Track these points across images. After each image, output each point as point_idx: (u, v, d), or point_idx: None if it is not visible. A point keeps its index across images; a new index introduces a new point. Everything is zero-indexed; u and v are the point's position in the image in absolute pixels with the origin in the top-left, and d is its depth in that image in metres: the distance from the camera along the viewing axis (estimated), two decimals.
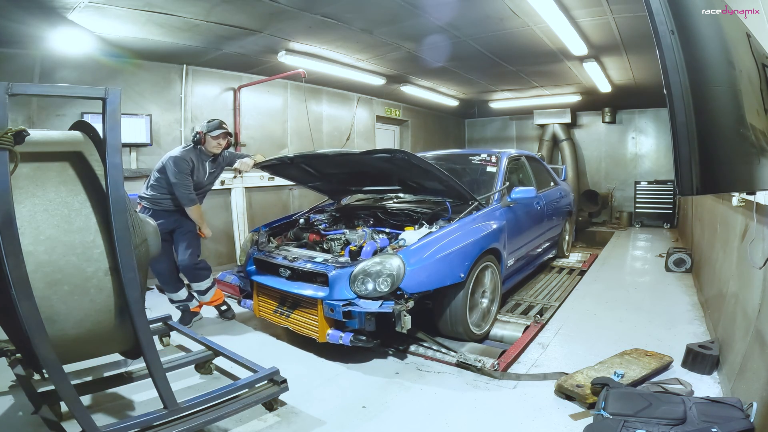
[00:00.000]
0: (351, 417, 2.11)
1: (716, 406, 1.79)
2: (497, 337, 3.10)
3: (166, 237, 3.15)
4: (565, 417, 2.05)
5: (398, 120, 8.55)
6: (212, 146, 3.21)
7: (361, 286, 2.54)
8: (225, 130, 3.22)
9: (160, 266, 3.19)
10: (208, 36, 4.07)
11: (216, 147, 3.22)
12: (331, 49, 4.75)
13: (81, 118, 2.54)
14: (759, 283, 2.02)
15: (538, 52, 4.91)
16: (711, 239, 3.64)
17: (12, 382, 2.31)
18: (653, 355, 2.53)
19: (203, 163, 3.26)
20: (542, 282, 4.42)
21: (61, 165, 1.62)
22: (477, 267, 2.92)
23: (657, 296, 3.90)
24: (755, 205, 2.05)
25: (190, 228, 3.28)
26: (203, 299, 3.42)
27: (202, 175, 3.25)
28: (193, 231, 3.31)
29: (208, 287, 3.37)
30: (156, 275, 3.28)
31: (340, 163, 3.40)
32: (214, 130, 3.17)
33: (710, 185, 1.32)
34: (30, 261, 1.43)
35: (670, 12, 1.17)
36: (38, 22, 3.31)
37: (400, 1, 3.47)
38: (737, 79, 1.37)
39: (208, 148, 3.21)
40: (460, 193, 3.17)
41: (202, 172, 3.25)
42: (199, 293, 3.37)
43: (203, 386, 2.39)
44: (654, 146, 8.72)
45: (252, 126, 5.69)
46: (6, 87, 1.36)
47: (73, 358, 1.80)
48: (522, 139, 10.04)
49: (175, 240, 3.27)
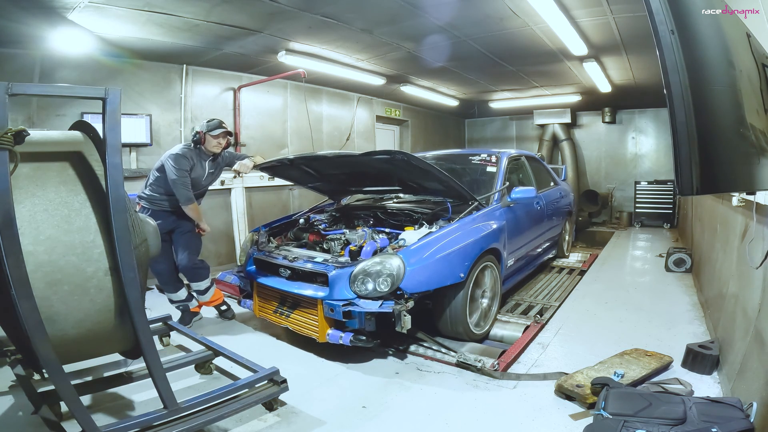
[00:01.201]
0: (351, 417, 2.11)
1: (716, 406, 1.79)
2: (497, 337, 3.10)
3: (165, 237, 3.13)
4: (565, 417, 2.05)
5: (398, 120, 8.55)
6: (212, 146, 3.21)
7: (361, 286, 2.54)
8: (225, 130, 3.22)
9: (159, 266, 3.19)
10: (208, 36, 4.07)
11: (216, 146, 3.22)
12: (331, 49, 4.75)
13: (81, 118, 2.54)
14: (759, 283, 2.02)
15: (538, 52, 4.91)
16: (711, 239, 3.64)
17: (12, 382, 2.31)
18: (653, 355, 2.53)
19: (202, 162, 3.25)
20: (542, 282, 4.42)
21: (61, 165, 1.62)
22: (477, 267, 2.92)
23: (657, 296, 3.90)
24: (755, 205, 2.05)
25: (189, 228, 3.28)
26: (202, 299, 3.41)
27: (200, 175, 3.25)
28: (192, 231, 3.30)
29: (207, 287, 3.37)
30: (156, 275, 3.28)
31: (340, 164, 3.40)
32: (214, 129, 3.17)
33: (710, 185, 1.32)
34: (30, 261, 1.43)
35: (670, 12, 1.17)
36: (38, 22, 3.31)
37: (400, 1, 3.47)
38: (737, 79, 1.37)
39: (208, 148, 3.21)
40: (460, 193, 3.17)
41: (201, 171, 3.25)
42: (198, 293, 3.37)
43: (203, 386, 2.39)
44: (654, 146, 8.72)
45: (252, 126, 5.69)
46: (6, 87, 1.36)
47: (73, 358, 1.80)
48: (522, 139, 10.04)
49: (175, 240, 3.27)
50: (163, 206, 3.18)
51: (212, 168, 3.34)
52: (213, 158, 3.32)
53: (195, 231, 3.32)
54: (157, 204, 3.18)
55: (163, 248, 3.13)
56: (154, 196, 3.18)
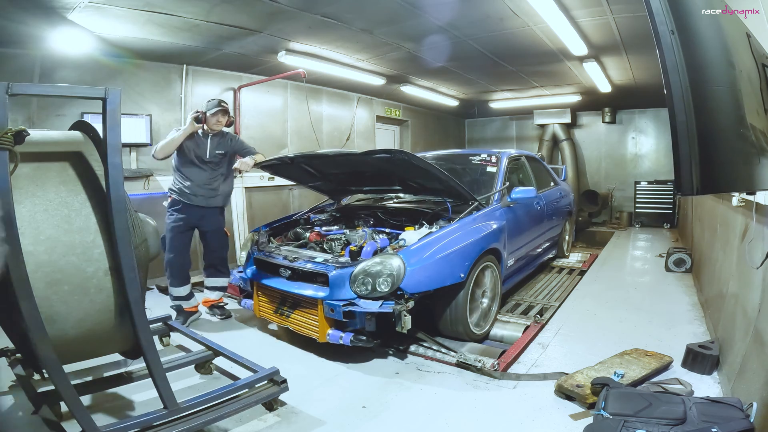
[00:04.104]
0: (351, 417, 2.11)
1: (716, 406, 1.79)
2: (497, 337, 3.10)
3: (187, 231, 3.35)
4: (565, 417, 2.05)
5: (398, 120, 8.55)
6: (212, 123, 3.31)
7: (361, 286, 2.54)
8: (220, 108, 3.30)
9: (174, 259, 3.30)
10: (208, 36, 4.07)
11: (216, 124, 3.32)
12: (331, 49, 4.75)
13: (81, 118, 2.53)
14: (759, 283, 2.02)
15: (538, 52, 4.91)
16: (711, 239, 3.64)
17: (12, 382, 2.30)
18: (653, 355, 2.53)
19: (204, 139, 3.34)
20: (542, 282, 4.42)
21: (61, 165, 1.62)
22: (477, 267, 2.92)
23: (657, 296, 3.90)
24: (755, 205, 2.05)
25: (215, 226, 3.44)
26: (209, 296, 3.53)
27: (203, 151, 3.33)
28: (221, 229, 3.49)
29: (222, 287, 3.56)
30: (168, 266, 3.33)
31: (341, 163, 3.40)
32: (212, 108, 3.29)
33: (710, 185, 1.32)
34: (30, 261, 1.43)
35: (670, 12, 1.17)
36: (38, 22, 3.31)
37: (400, 1, 3.47)
38: (737, 79, 1.37)
39: (210, 126, 3.32)
40: (460, 193, 3.17)
41: (203, 147, 3.33)
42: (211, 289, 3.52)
43: (203, 386, 2.39)
44: (654, 146, 8.72)
45: (252, 126, 5.69)
46: (6, 87, 1.36)
47: (73, 358, 1.80)
48: (522, 139, 10.04)
49: (204, 236, 3.44)
50: (190, 199, 3.29)
51: (219, 147, 3.38)
52: (220, 137, 3.40)
53: (223, 229, 3.52)
54: (184, 196, 3.29)
55: (182, 241, 3.31)
56: (178, 186, 3.31)
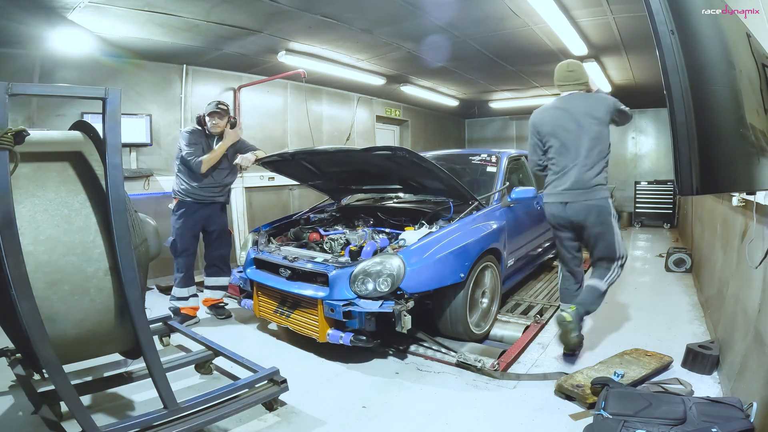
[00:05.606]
0: (351, 417, 2.11)
1: (716, 406, 1.79)
2: (497, 337, 3.10)
3: (195, 233, 3.38)
4: (565, 417, 2.05)
5: (398, 120, 8.55)
6: (210, 126, 3.31)
7: (361, 286, 2.54)
8: (216, 110, 3.28)
9: (184, 261, 3.33)
10: (208, 36, 4.08)
11: (214, 126, 3.31)
12: (331, 49, 4.75)
13: (81, 118, 2.53)
14: (759, 284, 2.02)
15: (538, 52, 4.91)
16: (711, 239, 3.64)
17: (12, 382, 2.31)
18: (653, 355, 2.53)
19: (209, 141, 3.36)
20: (542, 282, 4.42)
21: (61, 165, 1.62)
22: (477, 267, 2.92)
23: (657, 296, 3.90)
24: (755, 205, 2.05)
25: (222, 225, 3.49)
26: (211, 295, 3.55)
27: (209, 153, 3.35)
28: (225, 228, 3.53)
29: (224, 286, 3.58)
30: (177, 268, 3.36)
31: (341, 161, 3.39)
32: (208, 110, 3.30)
33: (710, 185, 1.31)
34: (30, 261, 1.43)
35: (670, 12, 1.17)
36: (38, 22, 3.31)
37: (400, 1, 3.47)
38: (737, 79, 1.37)
39: (209, 128, 3.32)
40: (460, 193, 3.17)
41: (211, 148, 3.32)
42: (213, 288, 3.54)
43: (203, 386, 2.39)
44: (654, 146, 8.72)
45: (252, 126, 5.68)
46: (6, 87, 1.36)
47: (73, 358, 1.80)
48: (522, 139, 10.02)
49: (209, 235, 3.46)
50: (196, 197, 3.31)
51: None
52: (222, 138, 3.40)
53: (227, 228, 3.56)
54: (190, 195, 3.30)
55: (192, 243, 3.35)
56: (183, 187, 3.31)
